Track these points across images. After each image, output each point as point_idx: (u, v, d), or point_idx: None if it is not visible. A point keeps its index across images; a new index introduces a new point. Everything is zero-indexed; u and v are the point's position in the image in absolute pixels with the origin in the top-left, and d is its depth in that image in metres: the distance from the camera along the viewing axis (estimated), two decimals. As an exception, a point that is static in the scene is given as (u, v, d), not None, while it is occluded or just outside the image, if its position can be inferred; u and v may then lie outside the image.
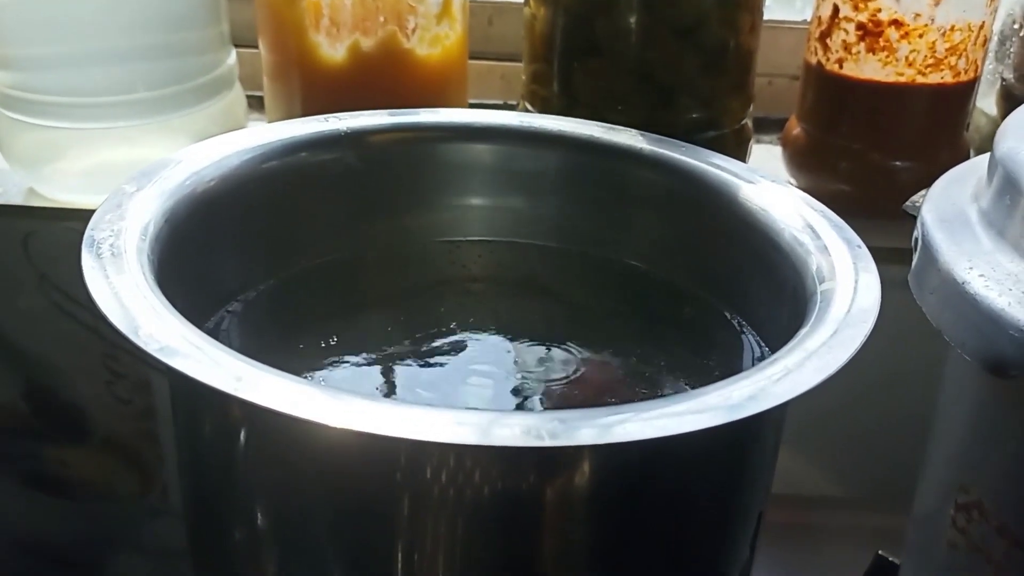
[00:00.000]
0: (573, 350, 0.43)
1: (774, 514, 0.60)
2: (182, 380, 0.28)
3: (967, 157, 0.60)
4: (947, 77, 0.59)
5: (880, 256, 0.43)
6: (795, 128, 0.64)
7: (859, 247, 0.38)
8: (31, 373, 0.65)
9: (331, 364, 0.40)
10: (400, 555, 0.32)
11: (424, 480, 0.30)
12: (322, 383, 0.38)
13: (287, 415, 0.27)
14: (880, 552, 0.48)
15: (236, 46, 0.65)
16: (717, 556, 0.36)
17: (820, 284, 0.36)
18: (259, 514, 0.33)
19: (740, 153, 0.62)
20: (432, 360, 0.41)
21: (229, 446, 0.32)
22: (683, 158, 0.45)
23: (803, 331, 0.32)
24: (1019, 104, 0.42)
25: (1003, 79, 0.65)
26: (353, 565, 0.33)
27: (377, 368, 0.41)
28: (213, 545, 0.36)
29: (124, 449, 0.65)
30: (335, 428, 0.27)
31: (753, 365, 0.32)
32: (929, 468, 0.40)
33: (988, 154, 0.37)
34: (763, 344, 0.41)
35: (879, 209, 0.52)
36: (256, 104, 0.68)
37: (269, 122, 0.61)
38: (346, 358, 0.41)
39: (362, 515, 0.31)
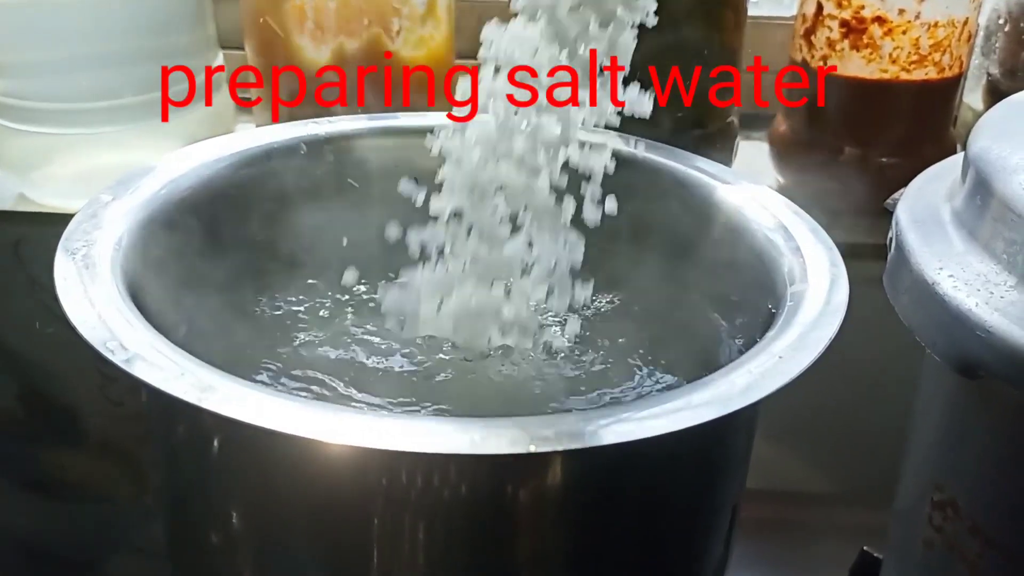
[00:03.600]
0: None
1: (764, 510, 0.60)
2: (152, 391, 0.28)
3: (953, 152, 0.60)
4: (931, 73, 0.58)
5: (866, 252, 0.43)
6: (781, 125, 0.64)
7: (831, 249, 0.38)
8: (24, 376, 0.66)
9: (310, 369, 0.40)
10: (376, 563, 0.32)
11: (406, 489, 0.30)
12: (295, 392, 0.39)
13: (254, 426, 0.27)
14: (865, 548, 0.49)
15: (225, 48, 0.65)
16: (692, 550, 0.36)
17: (791, 286, 0.36)
18: (232, 519, 0.33)
19: (726, 151, 0.62)
20: (413, 356, 0.42)
21: (198, 454, 0.32)
22: (662, 159, 0.46)
23: (770, 334, 0.33)
24: (1005, 99, 0.42)
25: (989, 74, 0.65)
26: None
27: (359, 370, 0.41)
28: (189, 548, 0.36)
29: (116, 451, 0.65)
30: (303, 438, 0.27)
31: (729, 363, 0.32)
32: (908, 466, 0.40)
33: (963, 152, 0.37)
34: (739, 343, 0.41)
35: (865, 205, 0.53)
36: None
37: (257, 125, 0.61)
38: (325, 362, 0.41)
39: (339, 523, 0.32)
